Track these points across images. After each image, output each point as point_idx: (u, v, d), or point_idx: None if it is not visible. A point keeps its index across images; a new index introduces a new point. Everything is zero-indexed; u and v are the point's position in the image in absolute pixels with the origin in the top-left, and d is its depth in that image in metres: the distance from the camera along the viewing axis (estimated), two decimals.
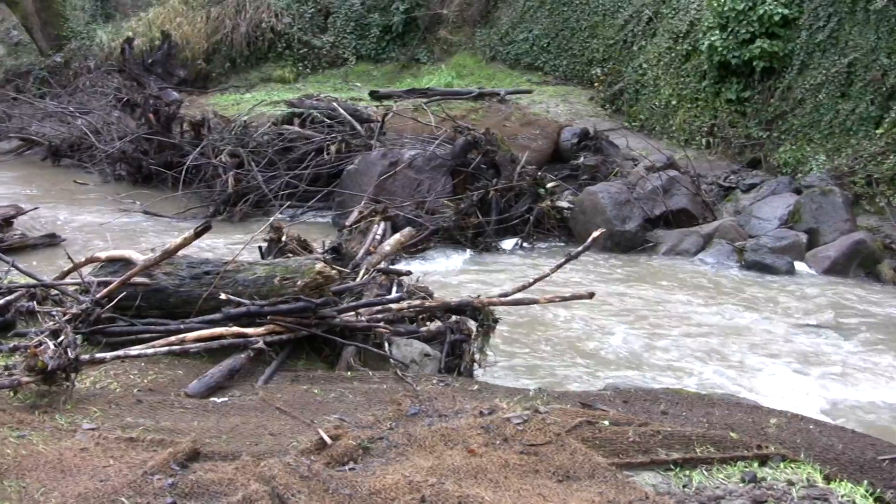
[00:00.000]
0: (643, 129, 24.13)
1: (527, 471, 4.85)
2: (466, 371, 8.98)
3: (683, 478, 5.16)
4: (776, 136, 21.38)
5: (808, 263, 16.59)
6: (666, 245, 17.30)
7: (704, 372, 11.08)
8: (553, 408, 5.84)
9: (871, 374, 11.42)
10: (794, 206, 17.83)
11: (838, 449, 6.09)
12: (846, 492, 5.20)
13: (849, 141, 19.89)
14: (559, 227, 18.01)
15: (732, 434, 5.75)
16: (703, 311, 13.64)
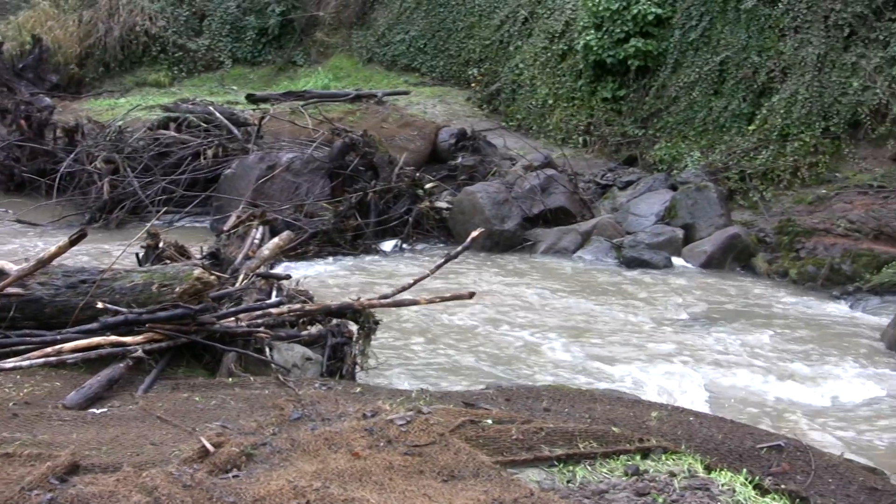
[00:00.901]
0: (520, 128, 24.28)
1: (411, 472, 4.84)
2: (349, 374, 8.97)
3: (567, 473, 5.20)
4: (652, 133, 21.69)
5: (685, 258, 16.87)
6: (545, 243, 17.43)
7: (586, 368, 11.18)
8: (436, 408, 5.84)
9: (748, 364, 11.63)
10: (671, 203, 18.11)
11: (718, 439, 6.19)
12: (726, 480, 5.29)
13: (722, 137, 20.26)
14: (438, 228, 18.04)
15: (614, 428, 5.82)
16: (583, 307, 13.77)
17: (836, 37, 19.50)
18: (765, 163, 18.90)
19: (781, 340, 12.68)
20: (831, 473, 6.02)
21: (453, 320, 12.66)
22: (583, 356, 11.59)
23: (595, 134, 22.66)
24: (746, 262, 16.75)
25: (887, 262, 15.61)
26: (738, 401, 10.37)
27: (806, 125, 19.07)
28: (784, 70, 19.89)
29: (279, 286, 10.09)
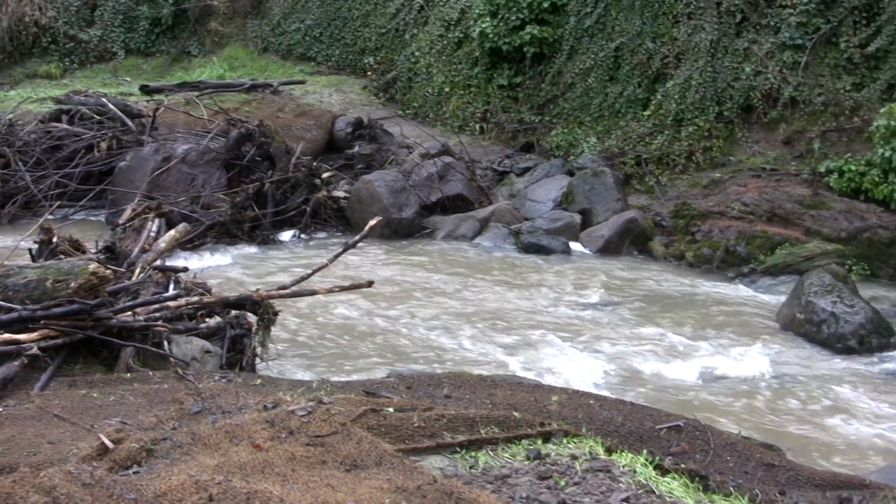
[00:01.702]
0: (417, 116, 24.26)
1: (314, 462, 4.82)
2: (249, 366, 8.91)
3: (470, 459, 5.22)
4: (548, 119, 21.80)
5: (583, 243, 17.00)
6: (443, 231, 17.45)
7: (486, 354, 11.23)
8: (337, 398, 5.82)
9: (646, 347, 11.77)
10: (568, 188, 18.24)
11: (618, 421, 6.26)
12: (627, 462, 5.35)
13: (618, 123, 20.44)
14: (336, 217, 17.95)
15: (516, 413, 5.84)
16: (482, 294, 13.81)
17: (729, 23, 19.76)
18: (660, 147, 19.10)
19: (679, 322, 12.85)
20: (729, 451, 6.11)
21: (353, 310, 12.63)
22: (483, 342, 11.64)
23: (492, 121, 22.72)
24: (643, 246, 16.93)
25: (780, 244, 15.90)
26: (637, 383, 10.50)
27: (700, 110, 19.31)
28: (678, 56, 20.13)
29: (176, 279, 9.98)
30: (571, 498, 4.78)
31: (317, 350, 11.12)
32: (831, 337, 12.14)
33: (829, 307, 12.33)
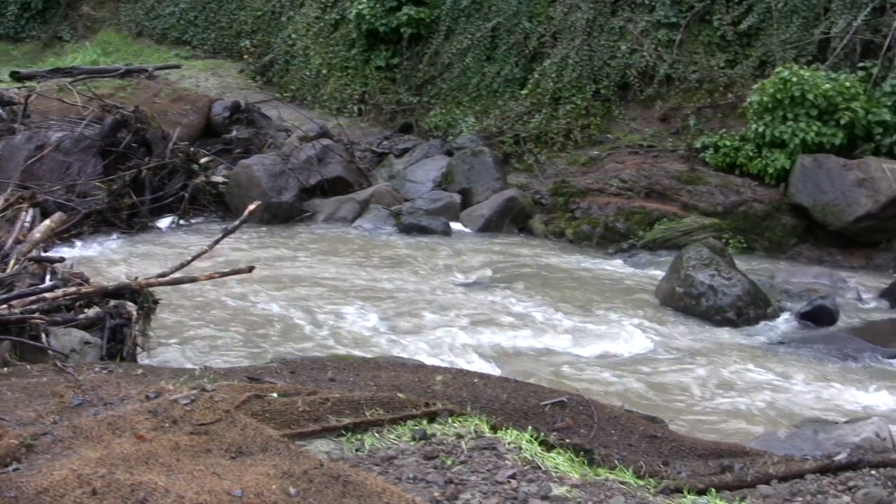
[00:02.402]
0: (295, 99, 24.08)
1: (199, 451, 4.77)
2: (129, 356, 8.78)
3: (356, 442, 5.21)
4: (426, 100, 21.81)
5: (464, 223, 17.07)
6: (323, 214, 17.37)
7: (370, 336, 11.22)
8: (221, 385, 5.77)
9: (529, 324, 11.85)
10: (447, 168, 18.29)
11: (503, 399, 6.29)
12: (512, 439, 5.39)
13: (496, 102, 20.53)
14: (215, 203, 17.75)
15: (400, 394, 5.85)
16: (364, 276, 13.78)
17: (604, 2, 19.97)
18: (538, 126, 19.23)
19: (560, 299, 12.96)
20: (613, 425, 6.19)
21: (235, 296, 12.51)
22: (366, 325, 11.62)
23: (370, 102, 22.67)
24: (523, 224, 17.06)
25: (658, 219, 16.15)
26: (520, 360, 10.57)
27: (577, 88, 19.49)
28: (554, 35, 20.28)
29: (53, 270, 9.79)
30: (458, 477, 4.80)
31: (199, 338, 11.00)
32: (710, 309, 12.36)
33: (707, 280, 12.54)
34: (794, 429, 7.72)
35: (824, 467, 5.42)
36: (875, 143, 16.44)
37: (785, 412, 9.39)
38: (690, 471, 5.68)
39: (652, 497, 4.87)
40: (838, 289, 13.75)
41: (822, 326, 12.22)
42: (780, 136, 16.39)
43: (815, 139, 16.26)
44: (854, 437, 6.96)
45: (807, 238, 16.28)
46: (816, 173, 15.98)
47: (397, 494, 4.28)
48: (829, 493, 5.09)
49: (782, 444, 7.07)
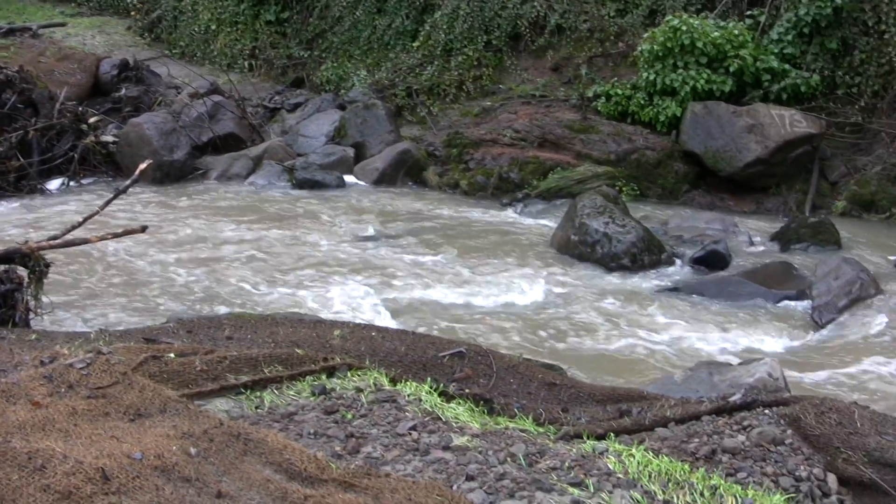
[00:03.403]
0: (184, 56, 23.74)
1: (96, 415, 4.70)
2: (22, 321, 8.61)
3: (255, 399, 5.19)
4: (317, 54, 21.67)
5: (358, 176, 17.01)
6: (216, 171, 17.17)
7: (267, 293, 11.16)
8: (116, 347, 5.69)
9: (426, 276, 11.88)
10: (340, 122, 18.21)
11: (401, 352, 6.30)
12: (412, 391, 5.40)
13: (387, 55, 20.45)
14: (106, 163, 17.41)
15: (298, 350, 5.83)
16: (258, 233, 13.66)
17: None
18: (430, 78, 19.20)
19: (457, 250, 12.99)
20: (512, 374, 6.24)
21: (128, 257, 12.34)
22: (262, 281, 11.55)
23: (260, 58, 22.46)
24: (418, 177, 17.05)
25: (552, 169, 16.23)
26: (418, 312, 10.60)
27: (468, 39, 19.48)
28: None
29: None
30: (359, 430, 4.80)
31: (93, 300, 10.84)
32: (605, 257, 12.49)
33: (601, 228, 12.66)
34: (689, 372, 7.82)
35: (720, 408, 5.52)
36: (763, 90, 16.71)
37: (680, 355, 9.56)
38: (589, 416, 5.75)
39: (552, 444, 4.92)
40: (730, 234, 13.98)
41: (715, 271, 12.42)
42: (671, 84, 16.57)
43: (705, 87, 16.47)
44: (748, 378, 7.08)
45: (698, 184, 16.51)
46: (707, 120, 16.19)
47: (298, 450, 4.27)
48: (725, 433, 5.19)
49: (678, 387, 7.17)
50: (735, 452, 5.01)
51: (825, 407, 5.37)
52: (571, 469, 4.46)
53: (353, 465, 4.23)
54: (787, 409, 5.41)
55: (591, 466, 4.52)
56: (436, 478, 4.29)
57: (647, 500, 4.25)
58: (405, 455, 4.54)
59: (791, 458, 4.99)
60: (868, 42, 16.72)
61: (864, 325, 10.77)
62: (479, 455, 4.54)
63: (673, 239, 13.63)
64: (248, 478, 4.01)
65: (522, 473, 4.36)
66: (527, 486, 4.23)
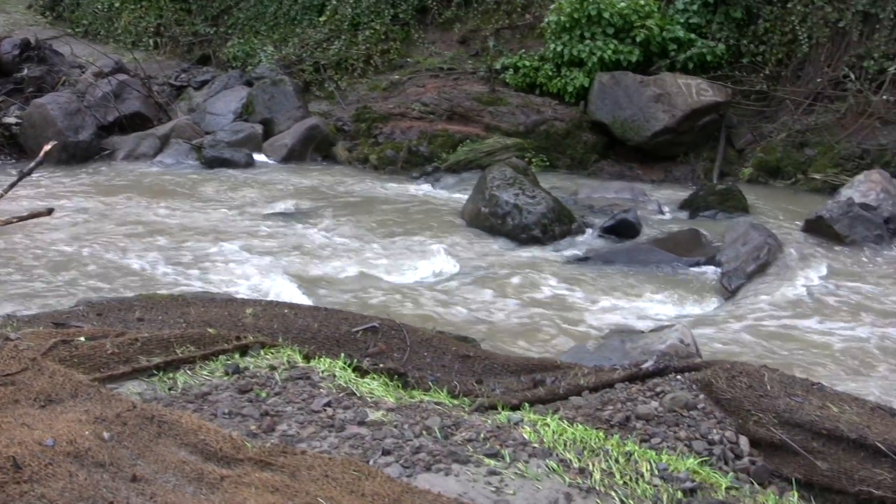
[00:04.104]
0: (87, 34, 23.42)
1: (6, 402, 4.63)
2: None
3: (168, 381, 5.15)
4: (223, 31, 21.49)
5: (267, 153, 16.93)
6: (123, 151, 16.96)
7: (178, 273, 11.04)
8: (25, 333, 5.60)
9: (338, 252, 11.84)
10: (247, 99, 18.09)
11: (314, 328, 6.28)
12: (326, 367, 5.39)
13: (294, 30, 20.34)
14: (9, 145, 17.12)
15: (211, 330, 5.78)
16: (168, 213, 13.52)
17: None
18: (338, 53, 19.13)
19: (367, 225, 12.97)
20: (426, 347, 6.25)
21: (35, 240, 12.14)
22: (173, 262, 11.42)
23: (166, 35, 22.22)
24: (327, 152, 17.01)
25: (461, 141, 16.27)
26: (331, 288, 10.56)
27: (375, 13, 19.43)
28: None
29: None
30: (274, 408, 4.79)
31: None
32: (516, 228, 12.54)
33: (511, 200, 12.70)
34: (602, 340, 7.91)
35: (633, 375, 5.58)
36: (670, 60, 16.87)
37: (593, 324, 9.63)
38: (504, 387, 5.78)
39: (467, 416, 4.95)
40: (639, 202, 14.12)
41: (625, 239, 12.52)
42: (579, 55, 16.67)
43: (612, 57, 16.59)
44: (659, 344, 7.16)
45: (607, 154, 16.65)
46: (614, 90, 16.30)
47: (213, 430, 4.25)
48: (639, 400, 5.24)
49: (591, 355, 7.23)
50: (649, 418, 5.07)
51: (736, 371, 5.44)
52: (487, 440, 4.49)
53: (268, 444, 4.21)
54: (698, 375, 5.48)
55: (507, 437, 4.55)
56: (352, 453, 4.29)
57: (563, 468, 4.29)
58: (321, 432, 4.54)
59: (704, 422, 5.06)
60: (772, 11, 16.96)
61: (771, 290, 10.94)
62: (395, 429, 4.55)
63: (583, 209, 13.72)
64: (164, 460, 3.97)
65: (438, 446, 4.37)
66: (443, 458, 4.25)
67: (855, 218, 12.65)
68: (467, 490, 3.99)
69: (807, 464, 4.88)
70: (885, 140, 15.46)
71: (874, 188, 13.26)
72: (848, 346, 9.31)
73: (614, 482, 4.26)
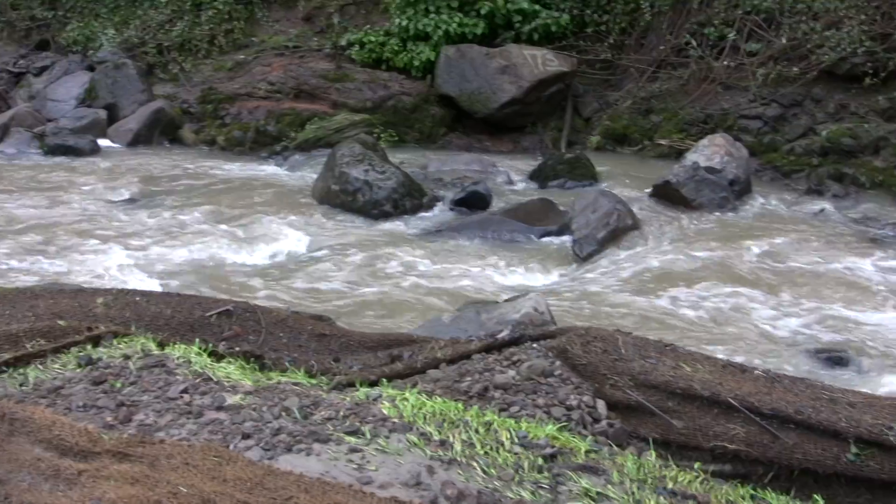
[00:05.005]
0: None
1: None
2: None
3: (19, 377, 5.02)
4: (62, 14, 21.01)
5: (112, 139, 16.64)
6: None
7: (24, 266, 10.79)
8: None
9: (188, 236, 11.69)
10: (90, 84, 17.73)
11: (168, 315, 6.18)
12: (181, 353, 5.32)
13: (135, 12, 20.01)
14: None
15: (61, 322, 5.66)
16: (12, 203, 13.16)
17: None
18: (181, 34, 18.87)
19: (217, 208, 12.83)
20: (282, 328, 6.21)
21: None
22: (19, 254, 11.15)
23: (1, 20, 21.62)
24: (174, 135, 16.78)
25: (309, 119, 16.20)
26: (183, 273, 10.43)
27: None
28: None
29: None
30: (130, 398, 4.71)
31: None
32: (367, 204, 12.53)
33: (361, 176, 12.69)
34: (457, 312, 7.95)
35: (489, 346, 5.63)
36: (515, 31, 17.01)
37: (448, 297, 9.69)
38: (361, 364, 5.78)
39: (326, 394, 4.94)
40: (489, 174, 14.23)
41: (477, 211, 12.61)
42: (424, 29, 16.70)
43: (457, 30, 16.65)
44: (514, 313, 7.23)
45: (456, 127, 16.74)
46: (460, 63, 16.38)
47: (68, 425, 4.16)
48: (496, 370, 5.29)
49: (447, 327, 7.27)
50: (507, 388, 5.12)
51: (590, 336, 5.53)
52: (347, 418, 4.49)
53: (126, 435, 4.15)
54: (554, 342, 5.56)
55: (367, 413, 4.55)
56: (212, 439, 4.25)
57: (424, 441, 4.31)
58: (179, 419, 4.49)
59: (561, 388, 5.13)
60: None
61: (622, 255, 11.15)
62: (254, 412, 4.52)
63: (433, 182, 13.78)
64: (17, 458, 3.89)
65: (298, 426, 4.36)
66: (304, 438, 4.23)
67: (701, 181, 12.95)
68: (329, 469, 3.98)
69: (663, 423, 4.99)
70: (727, 104, 15.84)
71: (718, 152, 13.58)
72: (696, 309, 9.55)
73: (475, 452, 4.30)
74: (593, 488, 4.13)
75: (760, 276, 10.57)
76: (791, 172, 14.56)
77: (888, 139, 14.25)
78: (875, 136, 14.35)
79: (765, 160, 14.92)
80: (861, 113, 14.88)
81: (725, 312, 9.48)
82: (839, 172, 14.11)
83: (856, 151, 14.36)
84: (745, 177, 13.56)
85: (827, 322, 9.34)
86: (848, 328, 9.20)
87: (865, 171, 14.04)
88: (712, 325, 9.16)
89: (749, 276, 10.53)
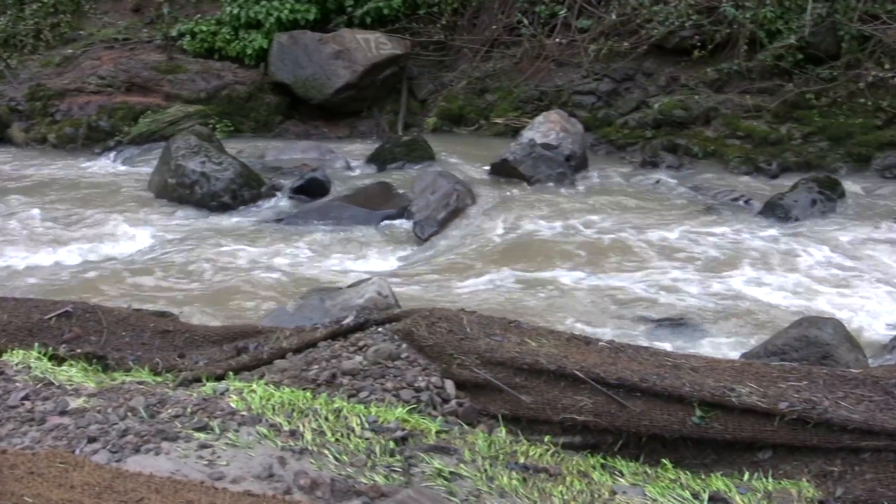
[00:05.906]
0: None
1: None
2: None
3: None
4: None
5: None
6: None
7: None
8: None
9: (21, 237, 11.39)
10: None
11: (4, 320, 6.04)
12: (20, 359, 5.22)
13: None
14: None
15: None
16: None
17: None
18: (5, 29, 18.32)
19: (52, 207, 12.54)
20: (124, 327, 6.12)
21: None
22: None
23: None
24: (2, 135, 16.30)
25: (142, 113, 15.92)
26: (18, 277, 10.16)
27: None
28: None
29: None
30: None
31: None
32: (205, 196, 12.40)
33: (198, 168, 12.55)
34: (301, 300, 7.94)
35: (334, 332, 5.65)
36: (347, 16, 16.99)
37: (291, 285, 9.67)
38: (207, 358, 5.75)
39: (172, 391, 4.89)
40: (327, 160, 14.20)
41: (316, 198, 12.59)
42: (256, 17, 16.56)
43: (289, 16, 16.56)
44: (358, 299, 7.26)
45: (291, 114, 16.64)
46: (294, 50, 16.29)
47: None
48: (343, 356, 5.31)
49: (292, 316, 7.27)
50: (354, 373, 5.14)
51: (435, 317, 5.58)
52: (195, 414, 4.46)
53: None
54: (399, 325, 5.60)
55: (215, 408, 4.53)
56: (56, 445, 4.18)
57: (274, 432, 4.31)
58: (21, 427, 4.40)
59: (409, 370, 5.18)
60: None
61: (463, 234, 11.26)
62: (99, 414, 4.46)
63: (271, 171, 13.70)
64: None
65: (146, 426, 4.31)
66: (152, 437, 4.19)
67: (538, 158, 13.14)
68: (180, 467, 3.96)
69: (512, 399, 5.07)
70: (560, 81, 16.06)
71: (554, 128, 13.79)
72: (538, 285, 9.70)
73: (326, 440, 4.32)
74: (446, 468, 4.19)
75: (600, 247, 10.80)
76: (626, 146, 14.88)
77: (718, 109, 14.67)
78: (705, 107, 14.76)
79: (600, 135, 15.20)
80: (691, 85, 15.27)
81: (567, 286, 9.65)
82: (672, 144, 14.48)
83: (687, 122, 14.75)
84: (581, 152, 13.80)
85: (667, 289, 9.58)
86: (687, 294, 9.46)
87: (697, 141, 14.44)
88: (555, 299, 9.31)
89: (588, 248, 10.74)
